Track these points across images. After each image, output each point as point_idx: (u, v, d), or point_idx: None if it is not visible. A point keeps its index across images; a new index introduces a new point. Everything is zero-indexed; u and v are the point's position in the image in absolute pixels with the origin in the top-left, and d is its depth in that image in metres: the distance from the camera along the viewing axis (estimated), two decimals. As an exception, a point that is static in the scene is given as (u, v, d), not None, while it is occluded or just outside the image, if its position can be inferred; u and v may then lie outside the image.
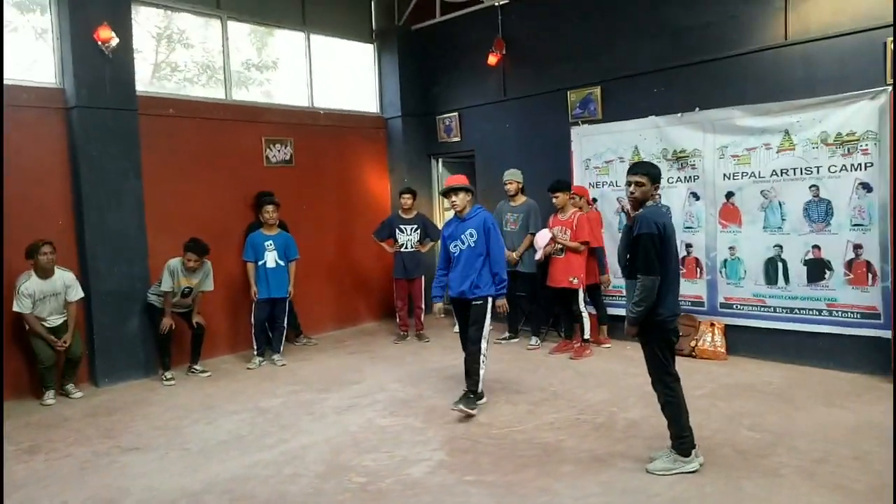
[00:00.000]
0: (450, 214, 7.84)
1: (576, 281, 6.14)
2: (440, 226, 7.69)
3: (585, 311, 6.18)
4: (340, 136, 8.06)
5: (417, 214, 7.26)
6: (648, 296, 3.48)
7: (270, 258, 6.37)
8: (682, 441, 3.58)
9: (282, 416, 4.90)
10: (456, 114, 8.18)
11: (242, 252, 6.48)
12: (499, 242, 4.84)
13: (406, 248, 7.09)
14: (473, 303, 4.78)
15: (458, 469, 3.80)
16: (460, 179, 4.92)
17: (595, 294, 6.54)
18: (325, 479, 3.75)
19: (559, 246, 6.18)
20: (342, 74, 8.37)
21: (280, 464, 4.01)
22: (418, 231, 7.13)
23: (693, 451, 3.60)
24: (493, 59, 7.43)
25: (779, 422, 4.29)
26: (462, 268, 4.81)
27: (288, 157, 7.53)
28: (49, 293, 5.35)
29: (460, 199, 4.82)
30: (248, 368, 6.32)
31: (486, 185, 7.99)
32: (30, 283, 5.26)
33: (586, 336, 6.21)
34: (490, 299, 4.80)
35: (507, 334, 6.96)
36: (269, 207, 6.37)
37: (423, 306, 7.37)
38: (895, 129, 4.82)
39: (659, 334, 3.60)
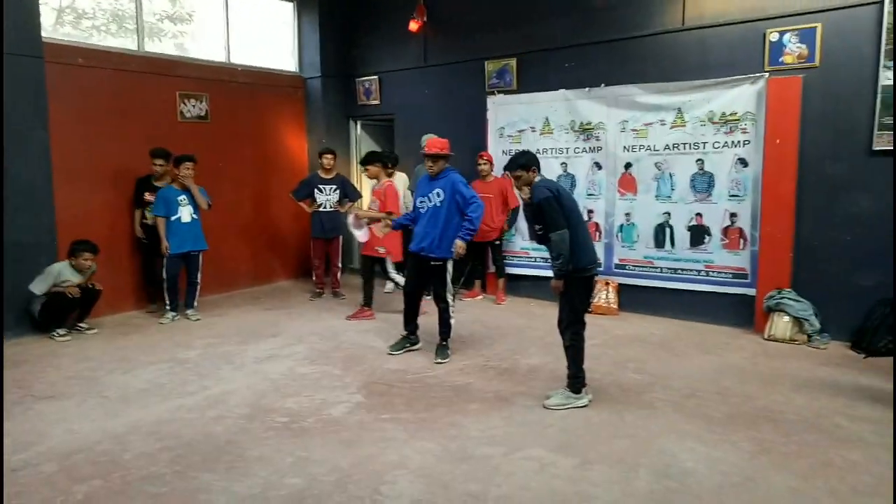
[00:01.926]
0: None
1: (382, 250, 6.21)
2: (359, 187, 7.91)
3: (399, 277, 6.35)
4: (258, 94, 8.01)
5: (337, 175, 7.40)
6: (561, 248, 3.86)
7: (185, 213, 6.34)
8: (577, 380, 4.06)
9: (201, 367, 5.01)
10: (376, 77, 8.31)
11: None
12: (469, 193, 4.90)
13: (325, 207, 7.22)
14: (432, 263, 4.99)
15: (374, 409, 4.11)
16: (441, 145, 5.03)
17: (495, 251, 7.04)
18: (250, 420, 3.95)
19: (365, 219, 5.91)
20: (261, 31, 8.28)
21: (203, 408, 4.17)
22: (338, 191, 7.28)
23: (584, 390, 4.08)
24: (414, 26, 7.60)
25: (658, 366, 4.88)
26: (425, 225, 4.98)
27: (203, 113, 7.44)
28: None
29: (437, 166, 4.97)
30: (161, 323, 6.32)
31: (405, 149, 8.21)
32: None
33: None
34: (450, 262, 5.02)
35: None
36: (190, 164, 6.27)
37: (339, 265, 7.58)
38: (769, 111, 5.46)
39: (581, 284, 4.03)
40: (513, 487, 3.11)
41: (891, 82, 4.94)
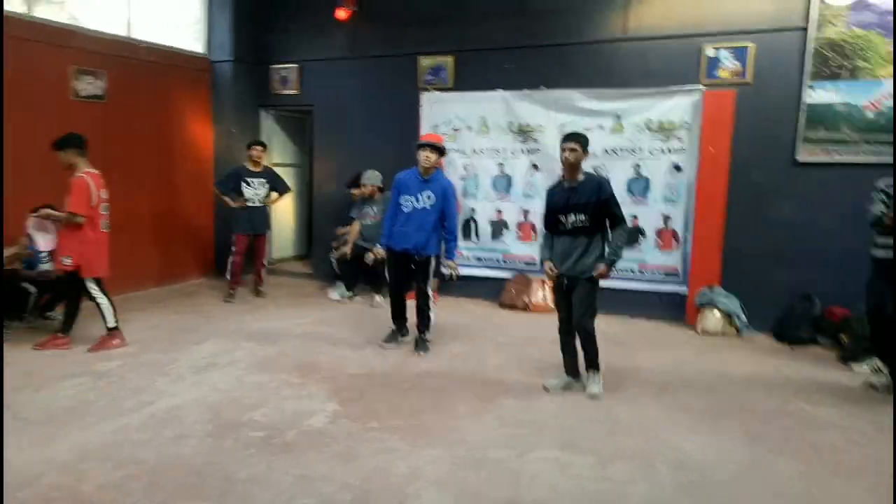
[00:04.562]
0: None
1: (69, 262, 4.78)
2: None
3: (103, 297, 4.91)
4: (162, 75, 7.23)
5: (266, 168, 6.88)
6: (629, 238, 4.00)
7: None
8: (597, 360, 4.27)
9: (129, 380, 4.38)
10: (296, 65, 7.81)
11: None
12: (454, 210, 5.11)
13: (254, 202, 6.68)
14: (419, 259, 5.02)
15: (358, 418, 3.80)
16: (437, 138, 5.23)
17: None
18: (220, 438, 3.50)
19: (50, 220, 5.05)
20: (165, 5, 7.47)
21: (155, 427, 3.63)
22: (267, 185, 6.76)
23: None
24: (342, 14, 7.23)
25: (620, 361, 4.89)
26: (413, 227, 4.95)
27: (100, 92, 6.58)
28: None
29: (435, 158, 4.93)
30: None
31: (324, 144, 7.82)
32: None
33: (111, 324, 4.98)
34: (433, 258, 5.06)
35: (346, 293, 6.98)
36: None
37: (265, 263, 7.06)
38: (705, 121, 5.81)
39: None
40: (543, 490, 3.01)
41: (813, 101, 5.48)
